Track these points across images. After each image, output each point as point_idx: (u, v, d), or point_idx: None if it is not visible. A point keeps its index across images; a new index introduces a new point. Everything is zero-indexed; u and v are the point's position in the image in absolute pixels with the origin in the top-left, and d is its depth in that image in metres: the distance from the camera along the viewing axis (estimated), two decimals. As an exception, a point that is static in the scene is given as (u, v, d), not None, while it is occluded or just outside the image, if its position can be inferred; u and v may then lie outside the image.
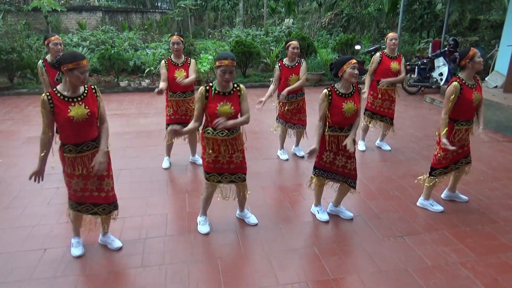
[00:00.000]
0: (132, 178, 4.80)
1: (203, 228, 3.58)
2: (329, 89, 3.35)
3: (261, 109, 4.89)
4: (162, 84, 4.53)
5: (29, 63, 9.88)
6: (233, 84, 3.21)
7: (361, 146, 5.79)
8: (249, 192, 3.64)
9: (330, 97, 3.33)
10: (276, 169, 5.15)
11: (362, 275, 3.01)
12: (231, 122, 3.11)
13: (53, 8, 14.54)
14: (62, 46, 4.42)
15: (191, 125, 3.27)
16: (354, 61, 3.26)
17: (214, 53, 11.90)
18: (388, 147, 5.81)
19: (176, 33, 4.73)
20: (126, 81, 10.18)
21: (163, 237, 3.51)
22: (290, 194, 4.37)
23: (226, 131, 3.21)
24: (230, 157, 3.32)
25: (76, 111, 2.77)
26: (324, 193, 3.83)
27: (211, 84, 3.18)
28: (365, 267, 3.11)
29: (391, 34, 5.27)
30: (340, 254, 3.29)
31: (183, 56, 4.71)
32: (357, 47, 11.14)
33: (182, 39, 4.63)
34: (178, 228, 3.67)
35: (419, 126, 7.08)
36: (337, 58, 10.39)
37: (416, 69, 9.68)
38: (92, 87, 2.96)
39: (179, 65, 4.63)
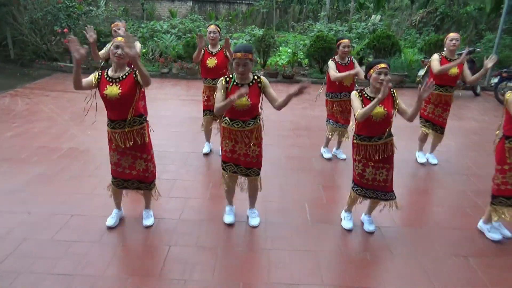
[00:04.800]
0: (200, 161, 5.07)
1: (227, 218, 3.65)
2: (358, 91, 3.22)
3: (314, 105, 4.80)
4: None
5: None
6: (254, 75, 3.21)
7: (420, 157, 5.30)
8: (261, 190, 3.61)
9: (361, 98, 3.20)
10: (340, 169, 5.04)
11: (414, 290, 2.87)
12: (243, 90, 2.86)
13: (149, -4, 15.67)
14: (122, 30, 4.70)
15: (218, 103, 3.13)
16: (382, 65, 3.05)
17: (294, 47, 11.91)
18: (435, 161, 5.26)
19: (213, 23, 4.96)
20: (207, 69, 10.64)
21: (218, 222, 3.67)
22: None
23: (241, 122, 3.21)
24: (246, 150, 3.30)
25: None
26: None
27: (230, 76, 3.20)
28: (418, 283, 2.95)
29: (451, 34, 4.71)
30: (393, 264, 3.16)
31: (219, 45, 4.95)
32: (448, 49, 10.32)
33: (219, 29, 4.90)
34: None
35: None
36: (422, 59, 9.80)
37: (514, 77, 8.72)
38: (135, 71, 3.09)
39: (213, 53, 4.87)
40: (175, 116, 7.03)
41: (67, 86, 8.98)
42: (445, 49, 4.88)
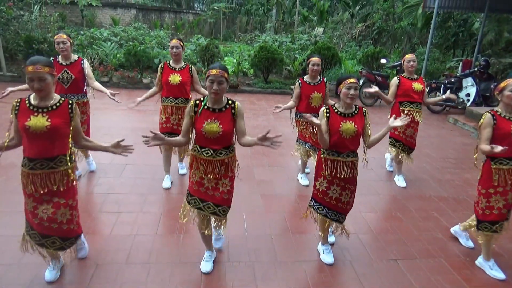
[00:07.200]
0: (136, 174, 4.86)
1: (204, 265, 3.15)
2: (327, 107, 3.16)
3: (277, 116, 4.80)
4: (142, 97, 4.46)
5: (58, 53, 10.21)
6: (228, 100, 2.91)
7: (401, 181, 5.13)
8: (227, 226, 3.18)
9: (328, 115, 3.12)
10: (280, 178, 5.08)
11: (346, 295, 2.92)
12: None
13: (89, 2, 15.03)
14: (66, 45, 4.32)
15: (178, 138, 3.00)
16: (351, 80, 3.01)
17: (238, 57, 11.99)
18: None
19: (176, 37, 4.64)
20: (149, 78, 10.37)
21: (152, 236, 3.52)
22: (290, 206, 4.31)
23: (212, 151, 2.84)
24: (216, 183, 2.90)
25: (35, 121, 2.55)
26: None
27: (201, 99, 2.91)
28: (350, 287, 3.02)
29: (408, 56, 4.85)
30: (327, 271, 3.20)
31: (183, 61, 4.51)
32: (383, 61, 10.92)
33: (182, 43, 4.46)
34: (169, 228, 3.68)
35: (437, 147, 6.84)
36: (360, 70, 10.26)
37: (442, 88, 9.40)
38: (70, 102, 2.69)
39: (176, 69, 4.41)
40: (114, 127, 6.75)
41: (-6, 96, 8.32)
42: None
